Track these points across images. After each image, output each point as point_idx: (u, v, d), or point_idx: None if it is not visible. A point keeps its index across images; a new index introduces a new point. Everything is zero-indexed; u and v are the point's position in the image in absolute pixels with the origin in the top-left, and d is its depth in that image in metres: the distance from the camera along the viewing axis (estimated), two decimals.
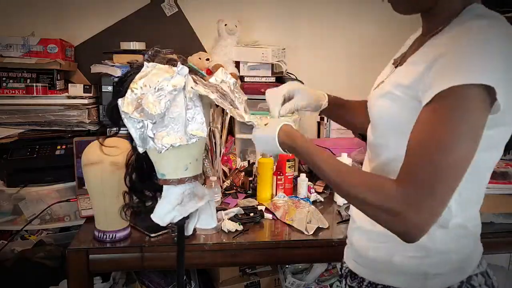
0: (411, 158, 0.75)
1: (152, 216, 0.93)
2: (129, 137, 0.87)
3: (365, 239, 0.96)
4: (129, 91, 0.81)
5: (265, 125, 0.96)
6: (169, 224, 0.93)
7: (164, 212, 0.92)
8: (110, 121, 0.89)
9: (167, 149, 0.83)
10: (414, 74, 0.80)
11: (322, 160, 0.85)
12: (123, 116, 0.81)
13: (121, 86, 0.85)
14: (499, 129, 0.80)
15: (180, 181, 0.91)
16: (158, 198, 0.93)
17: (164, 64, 0.85)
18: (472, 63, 0.71)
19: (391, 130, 0.87)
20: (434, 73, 0.75)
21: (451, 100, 0.72)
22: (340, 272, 1.08)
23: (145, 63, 0.83)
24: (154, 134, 0.82)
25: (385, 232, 0.86)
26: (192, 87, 0.84)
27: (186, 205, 0.92)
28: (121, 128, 0.91)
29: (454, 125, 0.72)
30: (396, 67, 0.94)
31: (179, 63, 0.84)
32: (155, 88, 0.81)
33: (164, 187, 0.94)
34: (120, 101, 0.80)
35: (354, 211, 1.00)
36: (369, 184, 0.78)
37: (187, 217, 0.96)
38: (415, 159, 0.75)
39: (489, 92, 0.71)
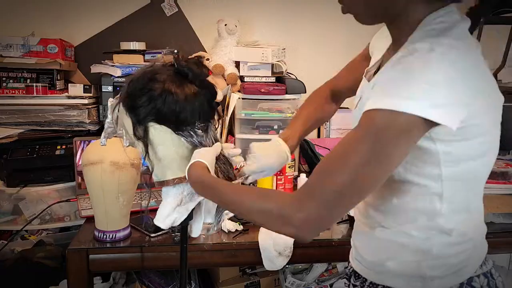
0: (316, 170, 0.78)
1: (154, 220, 0.93)
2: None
3: (364, 241, 0.97)
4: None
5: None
6: (171, 226, 0.93)
7: (165, 215, 0.92)
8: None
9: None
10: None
11: (223, 187, 0.87)
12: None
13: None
14: (469, 142, 0.78)
15: (175, 182, 0.92)
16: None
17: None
18: (406, 89, 0.69)
19: None
20: (374, 91, 0.77)
21: (372, 123, 0.72)
22: (346, 271, 1.09)
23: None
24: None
25: (379, 236, 0.90)
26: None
27: (186, 205, 0.92)
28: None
29: (364, 151, 0.71)
30: (369, 80, 0.93)
31: None
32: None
33: (163, 189, 0.94)
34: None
35: (356, 213, 1.01)
36: (265, 196, 0.81)
37: (191, 218, 0.96)
38: (319, 172, 0.77)
39: (425, 119, 0.69)
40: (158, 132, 0.91)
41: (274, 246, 1.34)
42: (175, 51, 0.95)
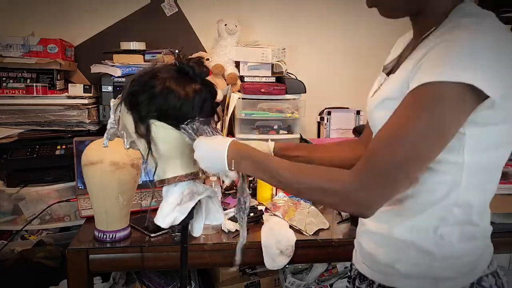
0: (373, 145, 0.79)
1: (154, 219, 0.93)
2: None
3: (372, 242, 0.95)
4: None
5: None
6: (171, 226, 0.93)
7: (165, 214, 0.92)
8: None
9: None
10: (404, 77, 0.81)
11: (278, 163, 0.87)
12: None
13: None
14: (496, 128, 0.79)
15: (176, 180, 0.93)
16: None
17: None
18: (455, 60, 0.72)
19: None
20: (420, 68, 0.77)
21: (426, 96, 0.73)
22: (349, 274, 1.07)
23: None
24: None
25: (387, 235, 0.89)
26: None
27: (186, 204, 0.92)
28: None
29: (422, 122, 0.73)
30: (388, 74, 0.93)
31: None
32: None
33: (164, 188, 0.94)
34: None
35: None
36: (326, 174, 0.82)
37: (191, 218, 0.96)
38: (376, 147, 0.78)
39: (474, 90, 0.71)
40: (160, 129, 0.91)
41: (276, 244, 1.34)
42: (177, 51, 0.94)
